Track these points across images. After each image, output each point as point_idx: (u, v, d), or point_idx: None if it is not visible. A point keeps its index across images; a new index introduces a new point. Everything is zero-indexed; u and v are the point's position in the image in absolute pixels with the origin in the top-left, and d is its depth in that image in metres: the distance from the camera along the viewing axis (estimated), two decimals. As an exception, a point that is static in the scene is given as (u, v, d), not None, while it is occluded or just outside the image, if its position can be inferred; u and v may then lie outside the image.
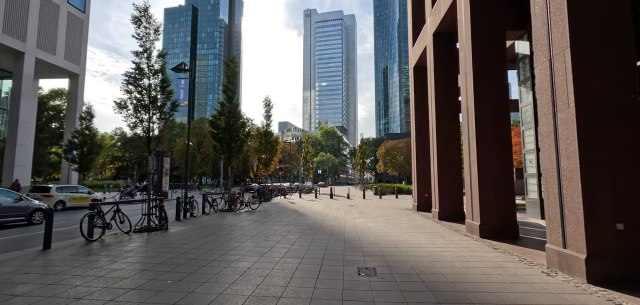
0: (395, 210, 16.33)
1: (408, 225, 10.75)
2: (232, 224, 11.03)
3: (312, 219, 12.74)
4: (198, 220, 12.17)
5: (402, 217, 13.27)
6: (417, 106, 16.31)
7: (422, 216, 13.41)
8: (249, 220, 12.25)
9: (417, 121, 16.24)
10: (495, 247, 7.15)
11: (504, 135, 8.74)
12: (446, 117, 12.51)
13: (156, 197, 9.96)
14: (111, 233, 8.91)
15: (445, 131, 12.46)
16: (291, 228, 10.21)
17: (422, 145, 15.99)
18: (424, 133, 16.05)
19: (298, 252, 6.75)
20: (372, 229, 9.95)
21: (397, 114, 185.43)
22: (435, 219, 12.18)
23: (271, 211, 15.66)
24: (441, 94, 12.62)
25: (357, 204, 20.31)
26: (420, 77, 16.35)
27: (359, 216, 13.62)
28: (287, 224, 11.10)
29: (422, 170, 15.89)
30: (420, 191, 15.84)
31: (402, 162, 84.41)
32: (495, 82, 8.87)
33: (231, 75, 16.29)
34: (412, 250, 6.91)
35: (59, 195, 18.60)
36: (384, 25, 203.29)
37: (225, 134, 15.71)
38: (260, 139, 23.44)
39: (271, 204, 20.98)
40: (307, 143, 47.70)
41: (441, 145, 12.42)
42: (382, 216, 13.58)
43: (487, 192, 8.47)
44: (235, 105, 16.05)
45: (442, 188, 12.21)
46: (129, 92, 9.47)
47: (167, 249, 7.08)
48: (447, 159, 12.34)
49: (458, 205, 12.26)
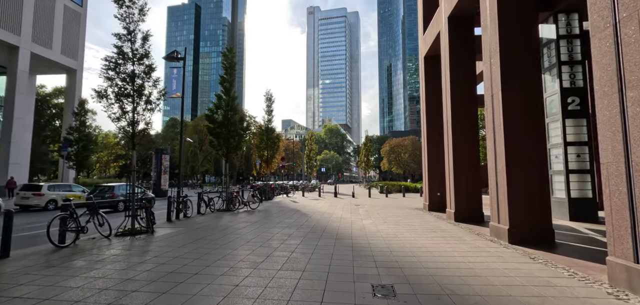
0: (405, 210, 15.22)
1: (422, 228, 9.64)
2: (227, 226, 10.00)
3: (315, 220, 11.67)
4: (191, 221, 11.15)
5: (413, 218, 12.16)
6: (429, 99, 15.15)
7: (436, 217, 12.29)
8: (247, 221, 11.21)
9: (429, 115, 15.08)
10: (532, 257, 6.03)
11: (537, 125, 7.59)
12: (463, 109, 11.35)
13: (142, 197, 8.92)
14: (88, 237, 7.92)
15: (462, 124, 11.30)
16: (292, 231, 9.15)
17: (434, 140, 14.84)
18: (436, 127, 14.90)
19: (299, 263, 5.69)
20: (382, 233, 8.86)
21: (401, 111, 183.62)
22: (451, 221, 11.05)
23: (272, 211, 14.63)
24: (457, 83, 11.46)
25: (362, 203, 19.23)
26: (431, 67, 15.19)
27: (366, 217, 12.54)
28: (288, 226, 10.05)
29: (434, 168, 14.76)
30: (432, 190, 14.70)
31: (406, 160, 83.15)
32: (526, 64, 7.71)
33: (229, 66, 15.25)
34: (433, 261, 5.82)
35: (50, 193, 17.74)
36: (388, 22, 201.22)
37: (223, 128, 14.70)
38: (261, 135, 22.40)
39: (273, 203, 19.97)
40: (310, 140, 46.62)
41: (457, 140, 11.27)
42: (392, 217, 12.48)
43: (517, 191, 7.34)
44: (233, 98, 15.01)
45: (458, 187, 11.08)
46: (110, 79, 8.44)
47: (145, 258, 6.05)
48: (463, 155, 11.19)
49: (476, 205, 11.11)
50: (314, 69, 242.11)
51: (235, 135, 14.99)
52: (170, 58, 12.16)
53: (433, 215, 12.82)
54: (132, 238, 8.03)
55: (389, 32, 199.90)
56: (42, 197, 17.29)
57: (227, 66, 15.18)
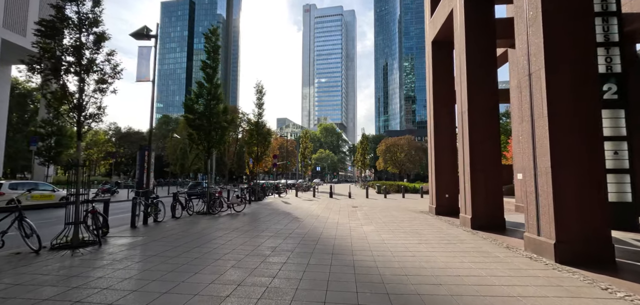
0: (409, 213, 13.57)
1: (436, 238, 7.98)
2: (200, 236, 8.23)
3: (308, 226, 9.96)
4: (159, 228, 9.37)
5: (421, 224, 10.50)
6: (437, 90, 13.51)
7: (448, 223, 10.65)
8: (226, 228, 9.46)
9: (437, 108, 13.44)
10: (603, 286, 4.39)
11: (592, 114, 5.95)
12: (482, 98, 9.70)
13: (88, 200, 7.11)
14: (7, 252, 6.11)
15: (481, 115, 9.65)
16: (278, 242, 7.43)
17: (443, 136, 13.23)
18: (446, 122, 13.30)
19: (282, 295, 3.98)
20: (389, 245, 7.17)
21: (397, 111, 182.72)
22: (467, 228, 9.42)
23: (259, 214, 12.89)
24: (475, 68, 9.81)
25: (360, 205, 17.56)
26: (440, 54, 13.56)
27: (367, 222, 10.86)
28: (274, 235, 8.32)
29: (443, 167, 13.14)
30: (440, 191, 13.08)
31: (402, 160, 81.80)
32: (579, 30, 6.07)
33: (212, 49, 13.45)
34: (470, 293, 4.14)
35: (12, 193, 15.80)
36: (384, 20, 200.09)
37: (204, 119, 12.90)
38: (251, 130, 20.60)
39: (262, 204, 18.21)
40: (305, 138, 44.85)
41: (475, 134, 9.63)
42: (396, 222, 10.81)
43: (568, 195, 5.71)
44: (216, 86, 13.22)
45: (476, 188, 9.44)
46: (47, 51, 6.61)
47: (56, 289, 4.28)
48: (482, 151, 9.55)
49: (496, 210, 9.48)
50: (309, 68, 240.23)
51: (218, 128, 13.20)
52: (139, 35, 10.33)
53: (443, 221, 11.18)
54: (73, 253, 6.24)
55: (385, 31, 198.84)
56: (2, 197, 15.36)
57: (209, 50, 13.38)
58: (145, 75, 10.20)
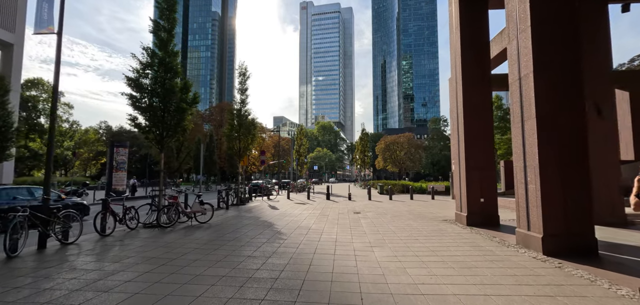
0: (430, 222, 10.26)
1: (495, 275, 4.68)
2: (98, 278, 4.88)
3: (291, 249, 6.60)
4: (58, 254, 6.01)
5: (460, 245, 7.17)
6: (467, 59, 10.12)
7: (499, 243, 7.33)
8: (163, 258, 6.10)
9: (468, 83, 10.05)
10: None
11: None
12: (560, 57, 6.37)
13: None
14: None
15: (560, 82, 6.33)
16: (231, 290, 4.09)
17: (477, 121, 9.92)
18: (480, 102, 9.99)
19: None
20: (429, 296, 3.85)
21: (395, 109, 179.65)
22: (536, 253, 6.10)
23: (229, 226, 9.52)
24: (549, 15, 6.47)
25: (363, 210, 14.24)
26: (472, 9, 10.18)
27: (378, 240, 7.52)
28: (234, 270, 4.99)
29: (476, 162, 9.83)
30: (472, 194, 9.76)
31: (402, 158, 78.61)
32: None
33: (167, 7, 10.03)
34: None
35: None
36: (382, 17, 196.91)
37: (154, 98, 9.52)
38: (231, 120, 17.17)
39: (244, 209, 14.84)
40: (300, 134, 41.40)
41: (548, 110, 6.31)
42: (420, 240, 7.49)
43: None
44: (172, 55, 9.82)
45: (551, 192, 6.10)
46: None
47: None
48: (560, 137, 6.22)
49: (580, 225, 6.12)
50: (306, 66, 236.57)
51: (176, 110, 9.83)
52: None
53: (487, 237, 7.87)
54: None
55: (383, 28, 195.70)
56: None
57: (164, 7, 9.98)
58: (48, 23, 6.80)
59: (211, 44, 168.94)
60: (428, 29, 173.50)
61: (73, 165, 76.07)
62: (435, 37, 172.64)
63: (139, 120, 9.47)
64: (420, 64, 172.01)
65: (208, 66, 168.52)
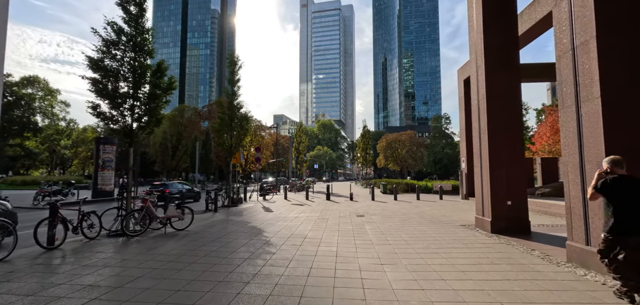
0: (446, 228, 8.75)
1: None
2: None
3: (280, 266, 5.11)
4: None
5: (489, 257, 5.66)
6: (491, 39, 8.59)
7: (536, 255, 5.82)
8: (94, 283, 4.62)
9: (491, 61, 8.49)
10: None
11: None
12: (633, 6, 4.89)
13: None
14: None
15: (629, 57, 4.84)
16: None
17: (503, 110, 8.41)
18: (505, 87, 8.49)
19: None
20: None
21: (396, 107, 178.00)
22: (602, 276, 4.62)
23: (210, 235, 8.04)
24: None
25: (367, 212, 12.74)
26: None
27: (387, 253, 6.02)
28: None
29: (502, 157, 8.32)
30: (497, 196, 8.24)
31: (404, 156, 77.05)
32: None
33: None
34: None
35: None
36: (383, 14, 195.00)
37: (120, 80, 8.02)
38: (222, 113, 15.65)
39: (234, 211, 13.35)
40: (299, 131, 39.87)
41: (614, 94, 4.81)
42: (441, 255, 5.98)
43: None
44: (142, 32, 8.30)
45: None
46: None
47: None
48: (634, 122, 4.74)
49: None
50: (307, 64, 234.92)
51: (148, 97, 8.32)
52: None
53: (520, 248, 6.36)
54: None
55: (384, 25, 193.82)
56: None
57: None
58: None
59: (210, 42, 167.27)
60: (429, 27, 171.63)
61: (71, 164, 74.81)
62: (437, 35, 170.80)
63: (103, 109, 7.97)
64: (422, 61, 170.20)
65: (207, 64, 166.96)
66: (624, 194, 3.59)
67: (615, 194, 3.63)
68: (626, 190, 3.59)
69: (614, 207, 3.63)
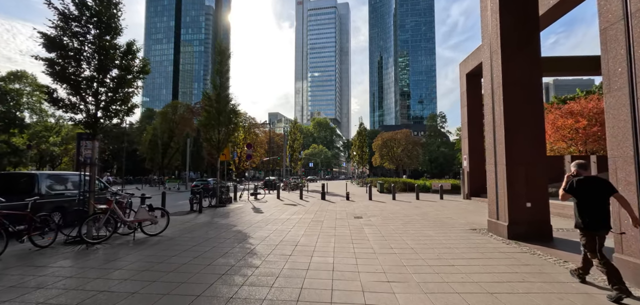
0: (455, 232, 7.76)
1: None
2: None
3: (263, 286, 4.03)
4: None
5: (517, 272, 4.65)
6: (507, 19, 7.59)
7: (571, 268, 4.85)
8: None
9: (508, 43, 7.51)
10: None
11: None
12: None
13: None
14: None
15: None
16: None
17: (524, 98, 7.42)
18: (526, 74, 7.50)
19: None
20: None
21: (392, 106, 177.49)
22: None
23: (182, 242, 6.94)
24: None
25: (365, 213, 11.72)
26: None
27: (393, 266, 4.98)
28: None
29: (521, 153, 7.34)
30: (516, 197, 7.25)
31: (400, 155, 76.31)
32: None
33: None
34: None
35: None
36: (379, 13, 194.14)
37: (82, 65, 6.87)
38: (209, 107, 14.49)
39: (220, 212, 12.24)
40: (294, 129, 38.76)
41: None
42: (453, 266, 4.96)
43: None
44: (108, 6, 7.14)
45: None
46: None
47: None
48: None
49: None
50: (302, 62, 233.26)
51: (117, 82, 7.19)
52: None
53: (548, 259, 5.38)
54: None
55: (380, 24, 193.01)
56: None
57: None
58: None
59: (205, 39, 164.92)
60: (425, 25, 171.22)
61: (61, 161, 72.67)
62: (433, 34, 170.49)
63: (59, 94, 6.82)
64: (417, 60, 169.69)
65: (201, 61, 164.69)
66: (585, 193, 4.02)
67: (578, 194, 4.07)
68: (587, 190, 4.01)
69: (577, 205, 4.09)
